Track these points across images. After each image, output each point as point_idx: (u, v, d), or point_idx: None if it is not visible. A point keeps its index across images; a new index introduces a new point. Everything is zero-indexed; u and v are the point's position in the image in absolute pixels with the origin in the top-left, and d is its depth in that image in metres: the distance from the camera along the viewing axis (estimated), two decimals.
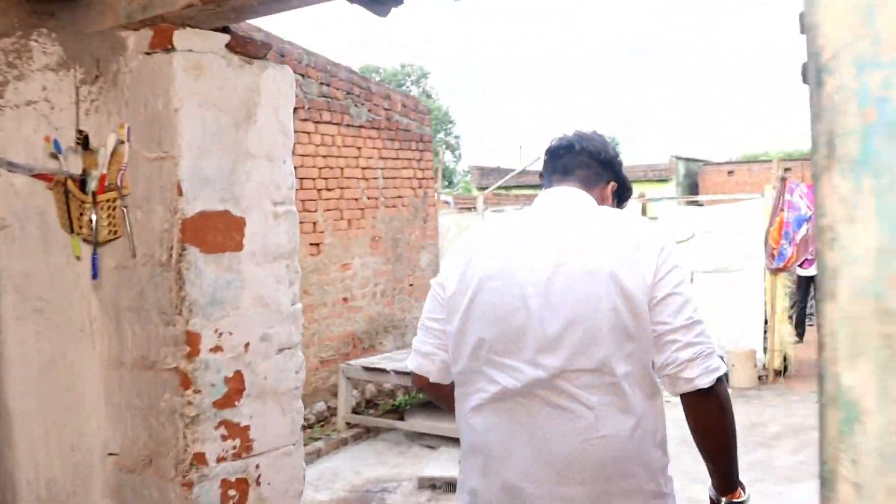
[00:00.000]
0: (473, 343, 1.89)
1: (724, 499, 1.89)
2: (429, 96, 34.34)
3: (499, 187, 16.71)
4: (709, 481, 1.93)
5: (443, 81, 72.79)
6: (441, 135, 33.70)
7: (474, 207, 11.72)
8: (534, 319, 1.81)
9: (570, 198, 2.00)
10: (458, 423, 2.02)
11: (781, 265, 8.22)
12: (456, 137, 35.15)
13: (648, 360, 1.82)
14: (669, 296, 1.79)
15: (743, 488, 1.92)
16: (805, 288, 10.45)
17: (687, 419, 1.85)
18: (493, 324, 1.86)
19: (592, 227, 1.88)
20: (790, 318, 8.99)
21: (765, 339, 8.59)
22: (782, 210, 8.21)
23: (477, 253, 1.95)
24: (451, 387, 2.05)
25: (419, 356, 2.07)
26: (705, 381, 1.77)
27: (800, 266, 9.08)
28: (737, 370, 8.11)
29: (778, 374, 8.49)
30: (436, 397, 2.19)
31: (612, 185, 2.12)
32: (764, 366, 8.50)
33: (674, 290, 1.79)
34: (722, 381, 1.82)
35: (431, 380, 2.07)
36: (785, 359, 8.58)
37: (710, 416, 1.82)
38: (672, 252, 1.86)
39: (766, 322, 8.51)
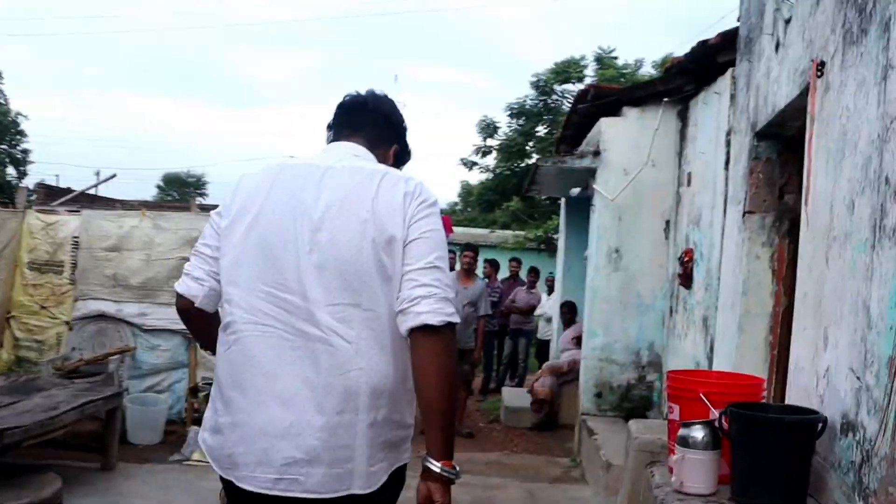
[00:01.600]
0: (244, 274, 2.01)
1: (439, 464, 1.90)
2: None
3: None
4: (423, 451, 1.94)
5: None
6: (4, 146, 30.16)
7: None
8: (302, 255, 1.96)
9: (353, 151, 2.16)
10: (217, 356, 2.10)
11: None
12: (23, 152, 31.13)
13: None
14: (419, 238, 1.97)
15: (453, 464, 1.93)
16: None
17: (411, 361, 1.96)
18: (264, 258, 1.99)
19: (366, 176, 2.03)
20: None
21: None
22: None
23: (258, 189, 2.06)
24: (213, 317, 2.17)
25: (189, 279, 2.13)
26: (434, 319, 1.90)
27: None
28: None
29: None
30: (196, 326, 2.26)
31: (395, 148, 2.29)
32: None
33: (422, 234, 1.98)
34: (452, 328, 1.95)
35: (196, 304, 2.12)
36: None
37: (434, 354, 1.91)
38: (428, 199, 2.03)
39: None
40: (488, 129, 26.26)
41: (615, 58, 25.74)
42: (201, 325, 2.24)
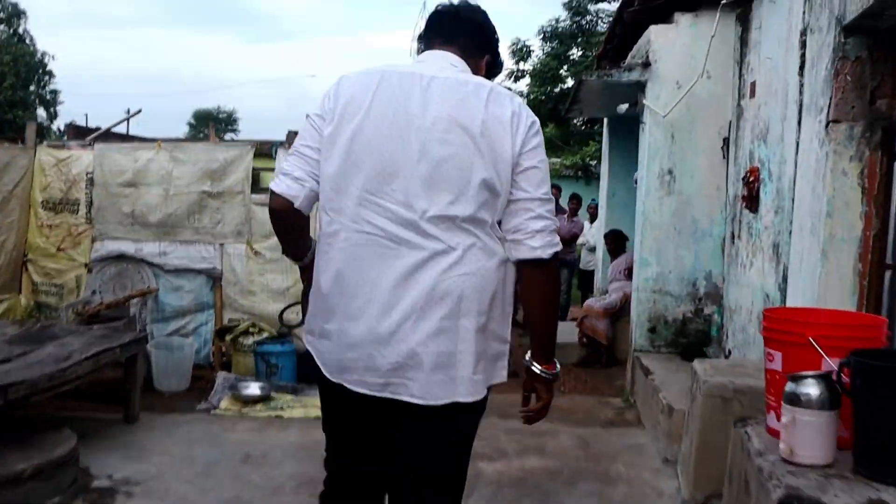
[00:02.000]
0: (349, 183, 2.01)
1: (539, 367, 2.14)
2: (22, 40, 29.48)
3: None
4: (528, 354, 2.18)
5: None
6: (33, 87, 29.73)
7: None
8: (410, 165, 1.97)
9: (450, 61, 2.15)
10: (317, 264, 2.13)
11: None
12: (52, 92, 30.70)
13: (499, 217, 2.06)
14: (532, 168, 2.03)
15: (555, 365, 2.18)
16: None
17: (522, 285, 2.09)
18: (370, 166, 2.00)
19: (472, 89, 2.04)
20: None
21: None
22: None
23: (361, 94, 2.04)
24: (305, 221, 2.20)
25: (289, 179, 2.09)
26: (546, 253, 2.03)
27: None
28: None
29: None
30: (288, 229, 2.22)
31: (487, 58, 2.28)
32: None
33: (537, 163, 2.04)
34: (556, 256, 2.06)
35: (296, 205, 2.10)
36: None
37: (543, 283, 2.07)
38: (535, 122, 2.07)
39: None
40: (521, 52, 25.37)
41: None
42: (293, 229, 2.22)
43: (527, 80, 25.00)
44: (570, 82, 24.39)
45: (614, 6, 25.01)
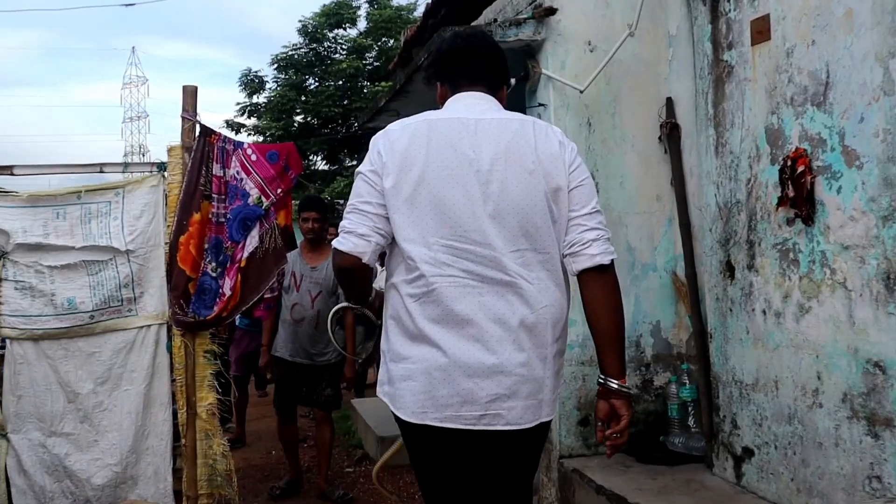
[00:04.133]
0: (422, 231, 2.10)
1: (616, 382, 2.14)
2: None
3: None
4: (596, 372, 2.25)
5: None
6: None
7: None
8: (477, 207, 2.09)
9: (485, 102, 2.26)
10: (397, 312, 2.16)
11: (210, 315, 3.83)
12: None
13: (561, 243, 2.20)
14: (580, 186, 2.19)
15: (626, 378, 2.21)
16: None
17: (585, 297, 2.17)
18: (439, 212, 2.10)
19: (518, 127, 2.18)
20: None
21: None
22: (206, 198, 3.88)
23: (414, 145, 2.14)
24: (371, 271, 2.26)
25: (354, 237, 2.14)
26: (606, 259, 2.15)
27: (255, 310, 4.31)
28: None
29: None
30: (358, 282, 2.27)
31: (505, 87, 2.38)
32: None
33: (583, 181, 2.20)
34: (614, 264, 2.19)
35: (364, 260, 2.15)
36: None
37: (608, 290, 2.16)
38: (575, 146, 2.26)
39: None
40: (253, 84, 22.65)
41: None
42: (363, 282, 2.27)
43: (261, 115, 22.29)
44: (301, 116, 22.05)
45: (352, 32, 23.23)
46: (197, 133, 3.95)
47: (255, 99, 22.69)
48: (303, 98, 22.14)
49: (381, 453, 4.98)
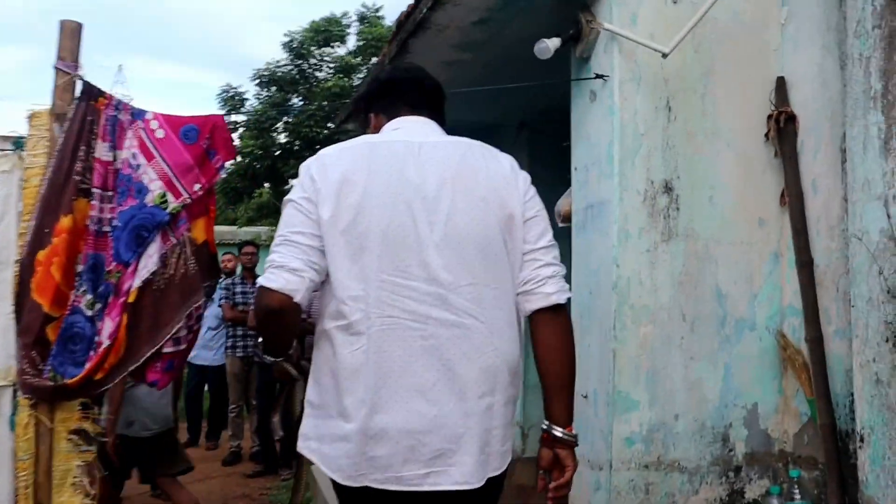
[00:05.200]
0: (363, 266, 1.83)
1: (561, 430, 1.90)
2: None
3: None
4: (541, 417, 1.97)
5: None
6: None
7: None
8: (424, 238, 1.82)
9: (429, 127, 2.03)
10: (326, 361, 1.88)
11: (76, 377, 2.51)
12: None
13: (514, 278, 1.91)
14: (536, 217, 1.92)
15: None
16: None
17: (537, 339, 1.91)
18: (382, 245, 1.82)
19: (465, 149, 1.94)
20: None
21: None
22: (83, 194, 2.61)
23: (353, 170, 1.87)
24: (300, 313, 1.91)
25: (285, 272, 1.82)
26: (562, 298, 1.90)
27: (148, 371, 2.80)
28: None
29: None
30: (284, 325, 1.90)
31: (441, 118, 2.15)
32: None
33: (538, 212, 1.94)
34: (568, 304, 1.95)
35: (296, 299, 1.82)
36: None
37: (561, 332, 1.91)
38: (526, 174, 1.98)
39: None
40: (233, 100, 21.33)
41: (381, 17, 21.90)
42: (289, 326, 1.92)
43: (240, 133, 20.99)
44: (285, 137, 20.83)
45: (339, 51, 22.05)
46: (77, 93, 2.59)
47: (233, 117, 21.42)
48: (285, 117, 20.92)
49: None
